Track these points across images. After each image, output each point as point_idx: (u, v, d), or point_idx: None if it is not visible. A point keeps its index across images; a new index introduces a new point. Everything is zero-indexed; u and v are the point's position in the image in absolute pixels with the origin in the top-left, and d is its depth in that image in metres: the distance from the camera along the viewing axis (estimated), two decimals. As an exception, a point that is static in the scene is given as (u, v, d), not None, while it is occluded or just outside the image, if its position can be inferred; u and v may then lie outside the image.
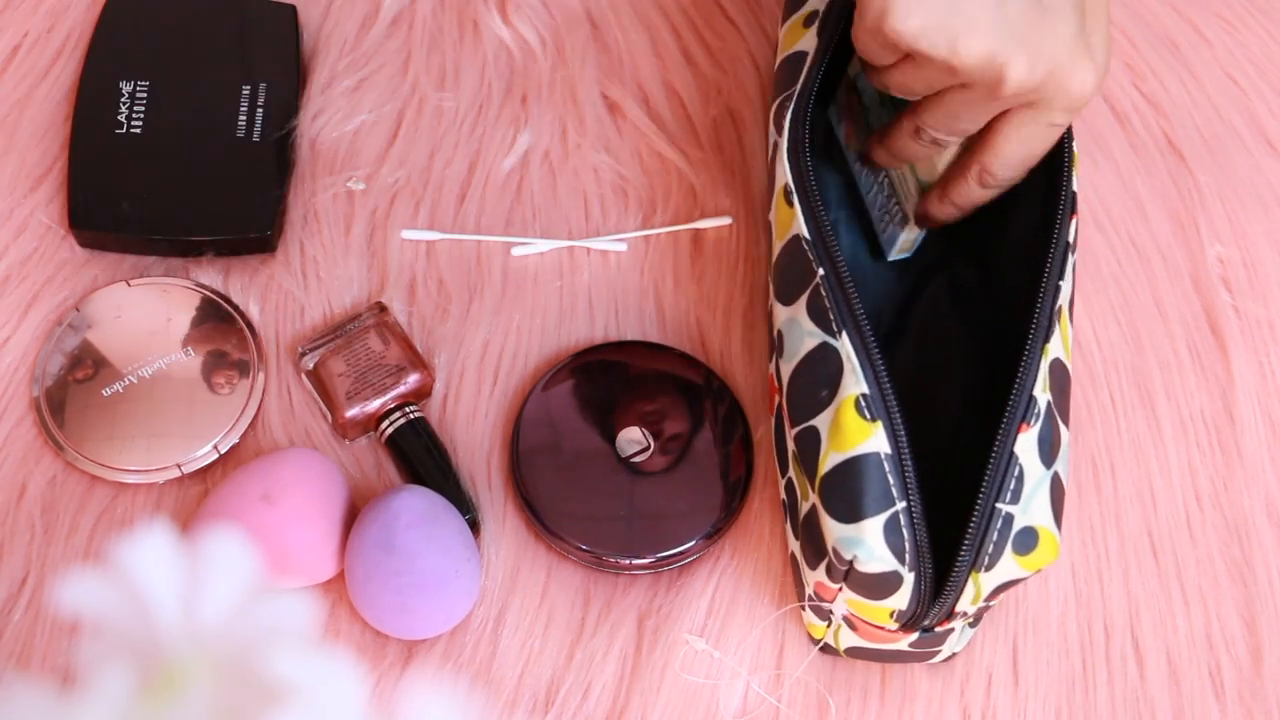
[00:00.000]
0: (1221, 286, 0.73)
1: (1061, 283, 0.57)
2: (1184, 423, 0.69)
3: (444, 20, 0.78)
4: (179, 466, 0.65)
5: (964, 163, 0.61)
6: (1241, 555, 0.67)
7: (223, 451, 0.66)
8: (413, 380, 0.67)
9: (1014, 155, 0.59)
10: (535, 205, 0.73)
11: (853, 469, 0.54)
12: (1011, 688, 0.64)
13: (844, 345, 0.56)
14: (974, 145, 0.60)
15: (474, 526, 0.65)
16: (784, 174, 0.61)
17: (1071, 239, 0.58)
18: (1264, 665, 0.65)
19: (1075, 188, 0.59)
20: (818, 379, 0.57)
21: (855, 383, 0.55)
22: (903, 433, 0.54)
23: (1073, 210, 0.58)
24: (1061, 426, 0.56)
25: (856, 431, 0.54)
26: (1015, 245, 0.63)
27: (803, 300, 0.58)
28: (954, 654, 0.62)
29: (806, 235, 0.59)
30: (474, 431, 0.68)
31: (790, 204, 0.60)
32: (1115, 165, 0.75)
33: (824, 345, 0.57)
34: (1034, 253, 0.58)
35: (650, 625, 0.64)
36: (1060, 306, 0.57)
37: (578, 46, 0.77)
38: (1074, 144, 0.60)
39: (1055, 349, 0.56)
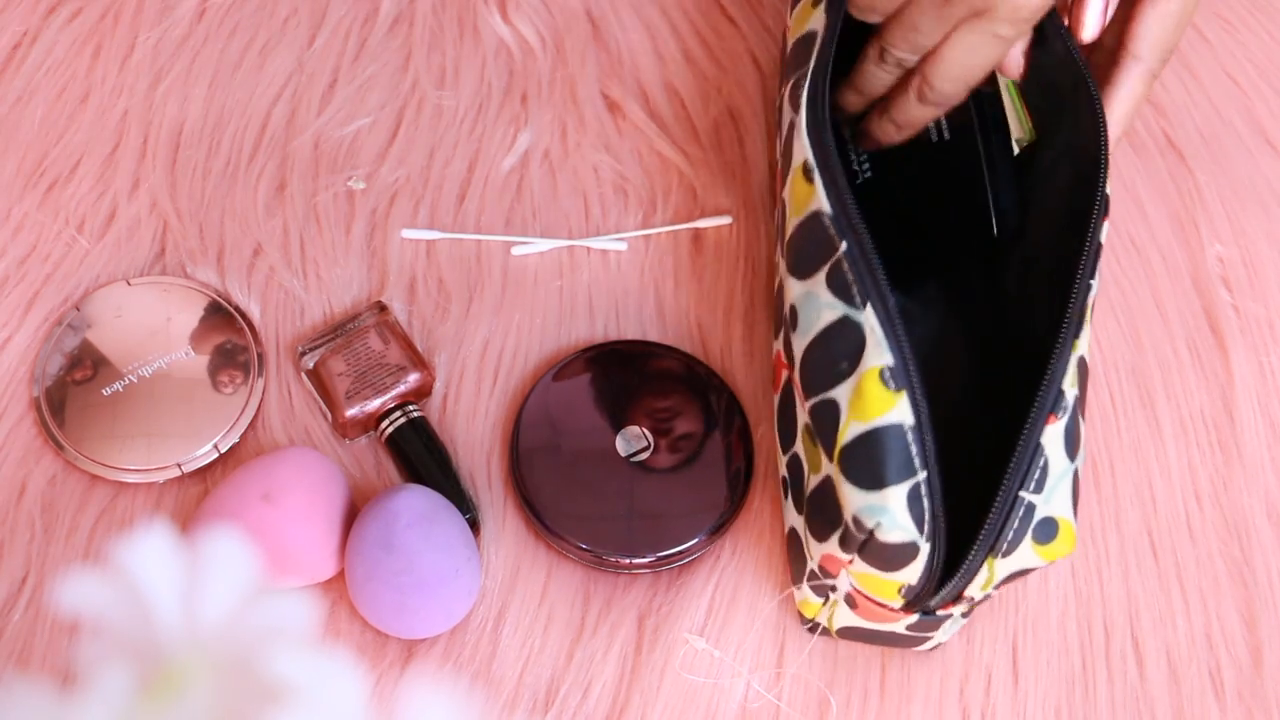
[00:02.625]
0: (1221, 286, 0.73)
1: (1092, 281, 0.57)
2: (1184, 422, 0.69)
3: (444, 19, 0.78)
4: (179, 466, 0.65)
5: (908, 77, 0.63)
6: (1241, 555, 0.67)
7: (223, 451, 0.66)
8: (413, 380, 0.67)
9: (956, 65, 0.60)
10: (535, 205, 0.73)
11: (876, 438, 0.55)
12: (1011, 687, 0.64)
13: (868, 317, 0.56)
14: (921, 60, 0.62)
15: (474, 526, 0.65)
16: (804, 150, 0.61)
17: (1103, 240, 0.58)
18: (1264, 665, 0.65)
19: (1109, 191, 0.59)
20: (836, 351, 0.57)
21: (879, 354, 0.55)
22: (924, 404, 0.54)
23: (1105, 212, 0.59)
24: (1081, 423, 0.56)
25: (880, 402, 0.55)
26: (1040, 243, 0.63)
27: (822, 274, 0.58)
28: (939, 644, 0.62)
29: (828, 210, 0.59)
30: (474, 431, 0.68)
31: (810, 180, 0.60)
32: (1115, 165, 0.75)
33: (845, 318, 0.57)
34: (1062, 251, 0.58)
35: (650, 624, 0.64)
36: (1088, 304, 0.57)
37: (578, 45, 0.77)
38: (1109, 151, 0.60)
39: (1082, 346, 0.56)
